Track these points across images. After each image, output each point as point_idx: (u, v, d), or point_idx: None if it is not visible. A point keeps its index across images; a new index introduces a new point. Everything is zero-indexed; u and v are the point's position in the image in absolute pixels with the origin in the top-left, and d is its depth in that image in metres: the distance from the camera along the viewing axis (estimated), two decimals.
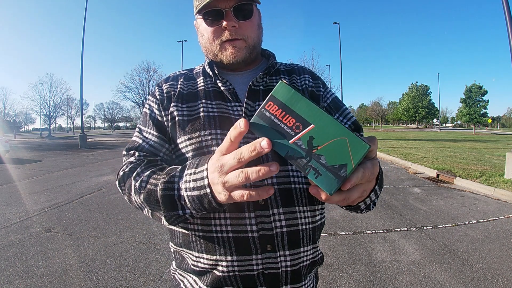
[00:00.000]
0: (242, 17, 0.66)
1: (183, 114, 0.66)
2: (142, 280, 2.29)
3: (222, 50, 0.68)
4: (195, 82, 0.73)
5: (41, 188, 5.53)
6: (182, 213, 0.53)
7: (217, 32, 0.67)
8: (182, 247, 0.66)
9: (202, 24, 0.70)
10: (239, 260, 0.60)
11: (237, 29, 0.66)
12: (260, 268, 0.60)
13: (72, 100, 47.93)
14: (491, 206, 4.35)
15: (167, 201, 0.52)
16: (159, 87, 0.73)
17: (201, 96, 0.69)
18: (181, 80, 0.73)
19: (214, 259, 0.61)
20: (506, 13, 5.76)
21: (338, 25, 22.50)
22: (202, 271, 0.63)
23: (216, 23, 0.66)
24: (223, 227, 0.60)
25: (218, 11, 0.65)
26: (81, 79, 16.31)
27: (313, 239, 0.66)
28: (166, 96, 0.70)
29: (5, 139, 11.63)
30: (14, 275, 2.34)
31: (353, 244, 2.97)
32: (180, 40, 31.53)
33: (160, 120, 0.69)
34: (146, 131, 0.69)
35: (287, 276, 0.62)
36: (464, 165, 7.36)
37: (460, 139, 21.05)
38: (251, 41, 0.69)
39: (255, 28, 0.70)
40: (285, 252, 0.61)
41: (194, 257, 0.64)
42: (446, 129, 64.96)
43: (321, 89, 0.76)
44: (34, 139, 28.91)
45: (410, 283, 2.27)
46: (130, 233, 3.25)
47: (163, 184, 0.53)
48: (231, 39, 0.67)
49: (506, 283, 2.25)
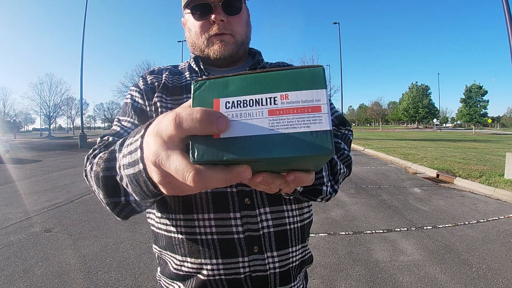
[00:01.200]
0: (231, 12, 0.65)
1: (167, 106, 0.64)
2: (142, 280, 2.29)
3: (210, 44, 0.67)
4: (181, 77, 0.71)
5: (41, 188, 5.53)
6: (124, 200, 0.43)
7: (205, 26, 0.66)
8: (166, 249, 0.64)
9: (189, 19, 0.68)
10: (224, 263, 0.58)
11: (225, 23, 0.65)
12: (247, 271, 0.58)
13: (72, 100, 48.08)
14: (491, 206, 4.35)
15: (108, 184, 0.42)
16: (143, 78, 0.71)
17: (186, 90, 0.67)
18: (166, 74, 0.71)
19: (198, 263, 0.58)
20: (506, 13, 5.76)
21: (338, 25, 22.53)
22: (186, 275, 0.60)
23: (204, 17, 0.65)
24: (207, 228, 0.58)
25: (207, 5, 0.64)
26: (81, 79, 16.31)
27: (302, 238, 0.65)
28: (150, 87, 0.68)
29: (5, 139, 11.63)
30: (14, 275, 2.34)
31: (353, 244, 2.97)
32: (180, 40, 31.58)
33: (143, 109, 0.66)
34: (125, 120, 0.65)
35: (275, 278, 0.60)
36: (464, 165, 7.36)
37: (460, 139, 21.06)
38: (239, 37, 0.68)
39: (244, 25, 0.69)
40: (273, 253, 0.59)
41: (178, 261, 0.61)
42: (446, 129, 64.97)
43: None
44: (34, 139, 28.92)
45: (410, 283, 2.27)
46: (130, 233, 3.25)
47: (104, 162, 0.42)
48: (219, 33, 0.65)
49: (506, 283, 2.25)
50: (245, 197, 0.59)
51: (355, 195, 4.80)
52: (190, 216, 0.58)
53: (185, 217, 0.58)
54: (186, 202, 0.58)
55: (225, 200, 0.58)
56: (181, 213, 0.59)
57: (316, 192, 0.55)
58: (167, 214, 0.61)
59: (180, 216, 0.59)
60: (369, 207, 4.22)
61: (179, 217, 0.59)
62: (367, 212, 3.99)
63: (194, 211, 0.58)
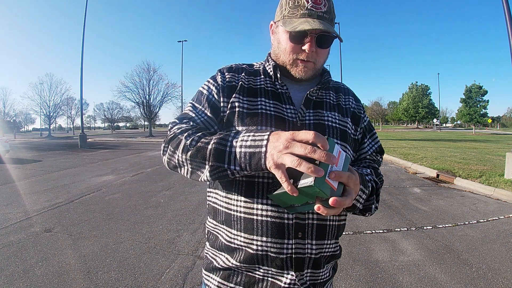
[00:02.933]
0: (322, 45, 0.71)
1: (244, 106, 0.72)
2: (142, 280, 2.29)
3: (294, 65, 0.74)
4: (256, 78, 0.79)
5: (41, 188, 5.53)
6: (227, 167, 0.58)
7: (296, 50, 0.72)
8: (223, 224, 0.72)
9: (282, 34, 0.73)
10: (272, 242, 0.66)
11: (313, 53, 0.71)
12: (290, 252, 0.67)
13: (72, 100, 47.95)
14: (491, 206, 4.35)
15: (217, 154, 0.58)
16: (222, 74, 0.78)
17: (260, 93, 0.75)
18: (242, 74, 0.79)
19: (250, 238, 0.67)
20: (506, 13, 5.76)
21: (338, 25, 22.51)
22: (236, 248, 0.69)
23: (298, 41, 0.70)
24: (264, 211, 0.66)
25: (305, 32, 0.68)
26: (81, 79, 16.31)
27: (336, 235, 0.75)
28: (227, 85, 0.76)
29: (5, 139, 11.62)
30: (14, 275, 2.34)
31: (353, 244, 2.97)
32: (180, 40, 31.54)
33: (216, 104, 0.74)
34: (200, 109, 0.75)
35: (310, 262, 0.69)
36: (464, 165, 7.36)
37: (460, 139, 21.06)
38: (319, 65, 0.75)
39: (326, 55, 0.76)
40: (312, 242, 0.69)
41: (232, 235, 0.70)
42: (446, 129, 64.94)
43: (362, 112, 0.85)
44: (34, 139, 28.91)
45: (410, 283, 2.27)
46: (130, 233, 3.25)
47: (216, 139, 0.59)
48: (305, 60, 0.72)
49: (506, 283, 2.25)
50: None
51: None
52: (251, 199, 0.67)
53: (246, 199, 0.68)
54: (249, 188, 0.68)
55: None
56: (243, 195, 0.68)
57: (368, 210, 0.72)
58: (231, 194, 0.70)
59: (241, 198, 0.68)
60: None
61: (241, 198, 0.68)
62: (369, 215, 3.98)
63: (255, 195, 0.67)
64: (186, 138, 0.63)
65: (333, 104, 0.80)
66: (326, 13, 0.69)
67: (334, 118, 0.77)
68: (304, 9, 0.68)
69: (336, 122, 0.76)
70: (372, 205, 0.71)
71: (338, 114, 0.78)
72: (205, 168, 0.60)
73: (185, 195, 4.94)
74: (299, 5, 0.69)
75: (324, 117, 0.75)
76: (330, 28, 0.68)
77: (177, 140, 0.65)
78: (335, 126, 0.75)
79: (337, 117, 0.77)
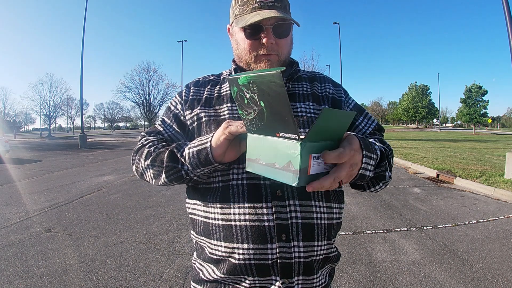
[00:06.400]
0: (280, 35, 0.70)
1: (210, 115, 0.73)
2: (142, 280, 2.29)
3: (257, 61, 0.72)
4: (221, 87, 0.79)
5: (41, 188, 5.53)
6: (180, 167, 0.63)
7: (255, 45, 0.71)
8: (202, 235, 0.70)
9: (239, 34, 0.73)
10: (254, 249, 0.62)
11: (273, 45, 0.70)
12: (275, 258, 0.62)
13: (72, 100, 47.94)
14: (491, 206, 4.35)
15: (172, 156, 0.64)
16: (187, 88, 0.81)
17: (226, 100, 0.75)
18: (208, 86, 0.80)
19: (231, 247, 0.64)
20: (506, 13, 5.76)
21: (338, 25, 22.52)
22: (219, 259, 0.66)
23: (255, 36, 0.70)
24: (241, 215, 0.64)
25: (259, 26, 0.68)
26: (81, 79, 16.31)
27: (328, 235, 0.68)
28: (191, 99, 0.78)
29: (5, 139, 11.62)
30: (14, 275, 2.34)
31: (353, 244, 2.97)
32: (180, 40, 31.57)
33: (182, 119, 0.78)
34: (168, 123, 0.79)
35: (299, 267, 0.64)
36: (464, 165, 7.36)
37: (460, 139, 21.06)
38: (283, 57, 0.74)
39: (289, 44, 0.75)
40: (299, 243, 0.63)
41: (213, 245, 0.67)
42: (446, 129, 64.90)
43: (343, 95, 0.81)
44: (34, 139, 28.91)
45: (410, 283, 2.27)
46: (130, 233, 3.25)
47: (174, 146, 0.65)
48: (266, 54, 0.71)
49: (506, 283, 2.25)
50: (277, 189, 0.65)
51: (355, 195, 4.80)
52: (227, 204, 0.65)
53: (222, 205, 0.66)
54: (224, 193, 0.66)
55: (258, 192, 0.64)
56: (218, 202, 0.66)
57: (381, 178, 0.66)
58: (208, 202, 0.69)
59: (218, 205, 0.66)
60: (369, 207, 4.22)
61: (217, 205, 0.66)
62: (367, 212, 3.99)
63: (231, 200, 0.65)
64: (149, 147, 0.70)
65: (307, 94, 0.77)
66: (277, 1, 0.68)
67: (309, 107, 0.74)
68: (254, 2, 0.67)
69: (311, 112, 0.73)
70: (386, 172, 0.65)
71: (313, 103, 0.75)
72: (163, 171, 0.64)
73: (185, 195, 4.94)
74: (248, 1, 0.68)
75: (297, 109, 0.73)
76: (284, 15, 0.66)
77: (142, 149, 0.71)
78: (309, 116, 0.72)
79: (311, 106, 0.74)
